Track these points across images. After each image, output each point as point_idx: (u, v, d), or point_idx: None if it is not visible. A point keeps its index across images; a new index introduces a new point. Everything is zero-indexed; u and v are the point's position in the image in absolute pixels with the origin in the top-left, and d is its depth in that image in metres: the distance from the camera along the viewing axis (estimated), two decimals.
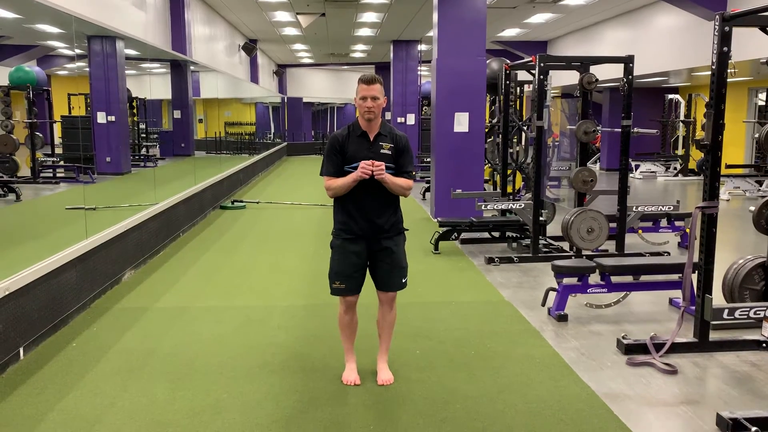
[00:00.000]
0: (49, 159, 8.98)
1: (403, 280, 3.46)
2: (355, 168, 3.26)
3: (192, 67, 11.01)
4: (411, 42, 17.57)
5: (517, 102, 8.78)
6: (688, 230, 6.98)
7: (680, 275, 4.50)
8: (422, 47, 17.66)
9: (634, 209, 6.71)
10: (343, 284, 3.40)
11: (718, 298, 3.83)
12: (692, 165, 15.62)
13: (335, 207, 3.45)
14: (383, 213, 3.36)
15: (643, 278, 5.21)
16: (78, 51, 7.07)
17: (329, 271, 3.46)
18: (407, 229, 3.54)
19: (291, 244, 7.39)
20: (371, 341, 3.82)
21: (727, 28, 3.68)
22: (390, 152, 3.34)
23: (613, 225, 6.38)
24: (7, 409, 3.19)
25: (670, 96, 16.59)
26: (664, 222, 7.28)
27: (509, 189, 8.07)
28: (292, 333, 4.31)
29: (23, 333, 3.85)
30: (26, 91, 8.36)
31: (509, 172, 8.08)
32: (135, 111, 11.22)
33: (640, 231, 7.01)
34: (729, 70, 3.76)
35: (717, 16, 3.69)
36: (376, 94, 3.29)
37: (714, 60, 3.73)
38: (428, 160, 13.81)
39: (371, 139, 3.35)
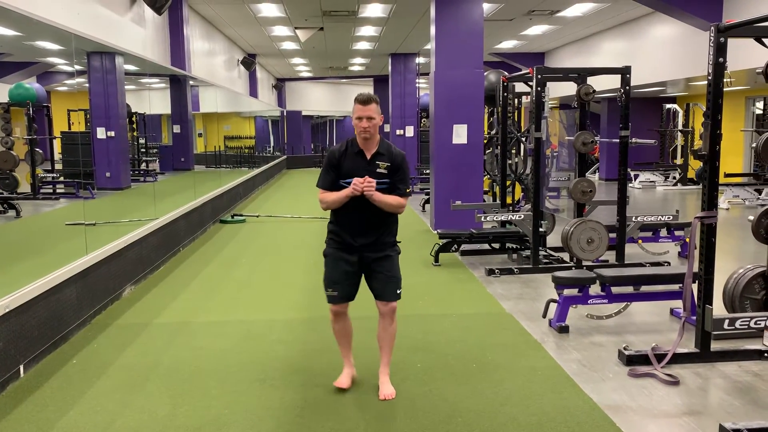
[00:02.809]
0: (49, 175, 9.00)
1: (398, 291, 3.49)
2: (350, 183, 3.31)
3: (191, 82, 11.06)
4: (409, 55, 17.65)
5: (515, 113, 8.81)
6: (687, 240, 6.99)
7: (681, 285, 4.50)
8: (420, 60, 17.74)
9: (633, 219, 6.71)
10: (335, 291, 3.46)
11: (718, 308, 3.83)
12: (691, 174, 15.64)
13: (330, 218, 3.53)
14: (374, 230, 3.41)
15: (644, 289, 5.21)
16: (77, 67, 7.10)
17: (323, 279, 3.52)
18: (400, 242, 3.57)
19: (291, 258, 7.39)
20: (372, 354, 3.81)
21: (722, 39, 3.71)
22: (386, 171, 3.38)
23: (613, 235, 6.38)
24: (8, 427, 3.18)
25: (668, 106, 16.65)
26: (663, 232, 7.28)
27: (509, 200, 8.08)
28: (293, 347, 4.30)
29: (23, 350, 3.84)
30: (26, 107, 8.40)
31: (508, 183, 8.10)
32: (135, 126, 11.24)
33: (640, 241, 7.02)
34: (725, 80, 3.79)
35: (712, 27, 3.72)
36: (372, 114, 3.32)
37: (710, 71, 3.75)
38: (427, 172, 13.84)
39: (368, 158, 3.39)
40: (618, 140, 6.28)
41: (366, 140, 3.37)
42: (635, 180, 15.93)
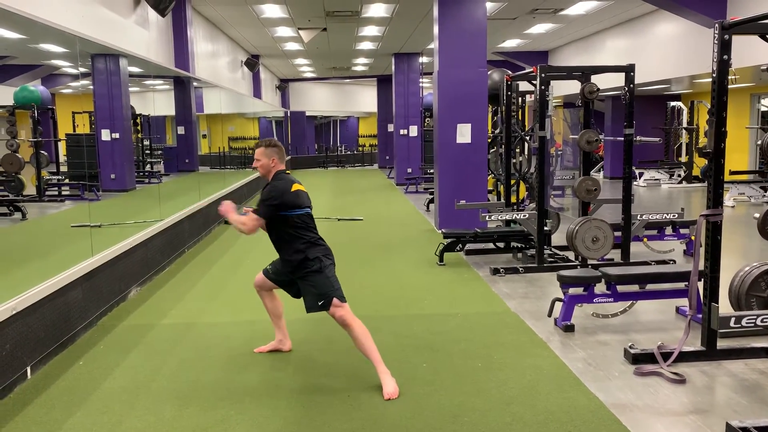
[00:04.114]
0: (54, 177, 9.03)
1: (319, 303, 3.71)
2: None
3: (195, 83, 11.08)
4: (412, 54, 17.64)
5: (519, 112, 8.80)
6: (693, 238, 6.97)
7: (686, 283, 4.49)
8: (423, 59, 17.74)
9: (638, 217, 6.69)
10: (269, 265, 4.10)
11: (724, 306, 3.82)
12: (696, 172, 15.59)
13: None
14: (282, 250, 3.90)
15: (649, 287, 5.19)
16: (82, 70, 7.13)
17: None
18: (315, 265, 3.76)
19: None
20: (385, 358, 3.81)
21: (726, 36, 3.70)
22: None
23: (618, 234, 6.37)
24: (16, 428, 3.20)
25: (672, 103, 16.60)
26: (669, 230, 7.26)
27: (513, 199, 8.07)
28: (299, 347, 4.31)
29: (30, 352, 3.86)
30: (31, 110, 8.42)
31: (513, 182, 8.09)
32: (139, 128, 11.28)
33: (645, 239, 7.00)
34: (730, 78, 3.77)
35: (716, 25, 3.71)
36: (258, 157, 3.91)
37: (714, 68, 3.74)
38: (431, 171, 13.84)
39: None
40: (622, 138, 6.26)
41: (265, 176, 3.95)
42: (640, 178, 15.89)
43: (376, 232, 9.22)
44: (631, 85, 6.12)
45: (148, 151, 12.23)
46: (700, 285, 4.01)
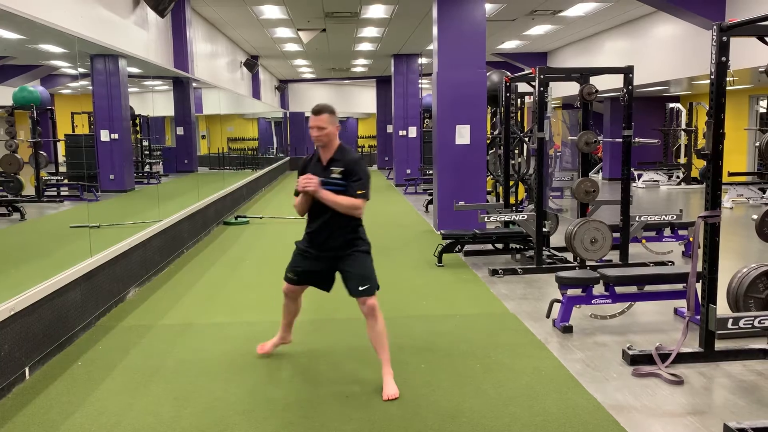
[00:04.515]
0: (53, 177, 9.03)
1: (360, 288, 3.60)
2: (323, 183, 3.60)
3: (194, 84, 11.08)
4: (411, 55, 17.65)
5: (518, 113, 8.81)
6: (691, 239, 6.97)
7: (685, 285, 4.49)
8: (423, 60, 17.74)
9: (637, 219, 6.70)
10: (289, 273, 3.88)
11: (722, 308, 3.83)
12: (694, 173, 15.61)
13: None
14: (332, 230, 3.64)
15: (648, 288, 5.20)
16: (81, 70, 7.13)
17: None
18: (365, 246, 3.71)
19: None
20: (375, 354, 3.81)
21: (725, 38, 3.70)
22: (340, 175, 3.60)
23: (617, 235, 6.37)
24: (14, 429, 3.20)
25: (671, 105, 16.62)
26: (667, 231, 7.27)
27: (512, 200, 8.08)
28: (297, 348, 4.31)
29: (29, 352, 3.86)
30: (30, 110, 8.42)
31: (511, 183, 8.09)
32: (138, 128, 11.26)
33: (643, 240, 7.01)
34: (728, 79, 3.78)
35: (715, 26, 3.71)
36: (322, 124, 3.57)
37: (713, 70, 3.75)
38: (430, 172, 13.84)
39: (324, 164, 3.66)
40: (621, 140, 6.27)
41: (322, 148, 3.65)
42: (639, 179, 15.91)
43: (375, 233, 9.16)
44: (630, 87, 6.13)
45: (147, 152, 12.21)
46: (699, 286, 4.02)
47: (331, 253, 3.68)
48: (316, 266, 3.78)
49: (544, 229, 6.58)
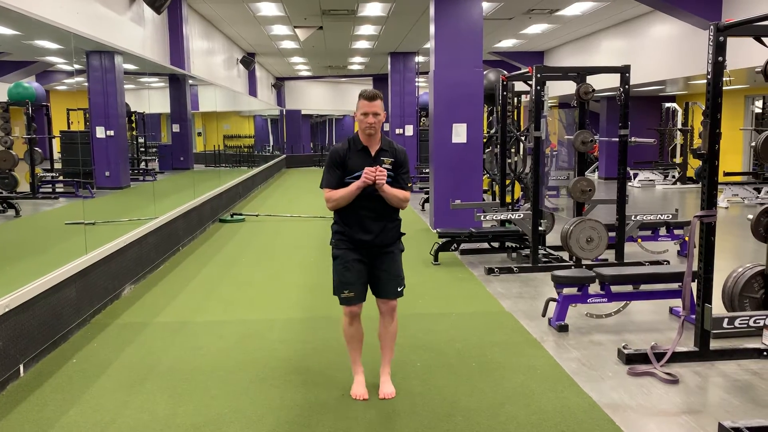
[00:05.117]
0: (48, 174, 8.99)
1: (399, 289, 3.47)
2: (357, 178, 3.30)
3: (190, 81, 11.05)
4: (408, 54, 17.65)
5: (515, 112, 8.81)
6: (687, 239, 6.99)
7: (680, 284, 4.50)
8: (419, 59, 17.74)
9: (632, 218, 6.71)
10: (351, 292, 3.39)
11: (718, 307, 3.83)
12: (690, 173, 15.65)
13: (336, 218, 3.48)
14: (381, 224, 3.40)
15: (643, 287, 5.21)
16: (77, 66, 7.09)
17: (334, 282, 3.46)
18: (404, 233, 3.56)
19: (290, 257, 7.39)
20: (372, 352, 3.81)
21: (721, 38, 3.71)
22: (390, 166, 3.38)
23: (612, 234, 6.38)
24: (8, 426, 3.18)
25: (667, 104, 16.65)
26: (663, 231, 7.29)
27: (508, 199, 8.08)
28: (293, 346, 4.31)
29: (23, 350, 3.84)
30: (25, 106, 8.39)
31: (508, 182, 8.10)
32: (134, 125, 11.23)
33: (639, 240, 7.02)
34: (724, 79, 3.79)
35: (712, 26, 3.72)
36: (378, 110, 3.33)
37: (709, 69, 3.75)
38: (427, 171, 13.84)
39: (373, 154, 3.39)
40: (617, 139, 6.28)
41: (370, 136, 3.37)
42: (634, 179, 15.94)
43: None
44: (627, 86, 6.14)
45: (142, 149, 12.18)
46: (694, 286, 4.03)
47: (378, 249, 3.41)
48: (364, 269, 3.43)
49: (540, 228, 6.58)
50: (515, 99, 8.79)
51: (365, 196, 3.33)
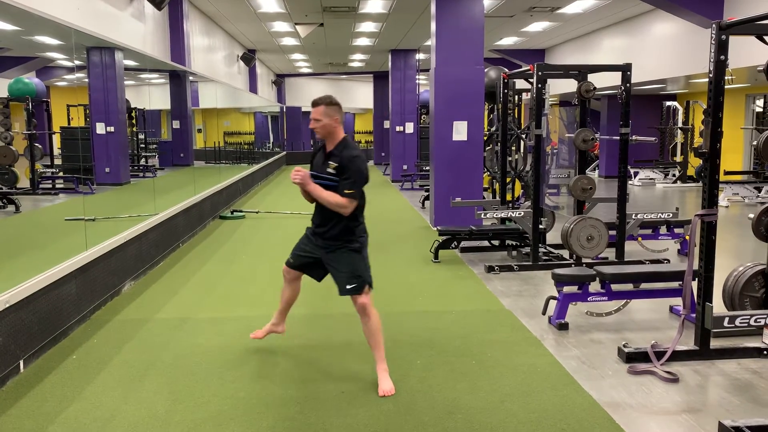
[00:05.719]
0: (48, 170, 9.00)
1: (349, 286, 3.58)
2: (315, 176, 3.61)
3: (191, 78, 11.04)
4: (409, 51, 17.62)
5: (516, 110, 8.80)
6: (687, 237, 6.98)
7: (680, 283, 4.50)
8: (420, 56, 17.71)
9: (633, 216, 6.71)
10: (290, 255, 3.91)
11: (718, 306, 3.83)
12: (691, 172, 15.65)
13: None
14: (330, 221, 3.64)
15: (644, 286, 5.20)
16: (77, 62, 7.09)
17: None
18: (362, 236, 3.70)
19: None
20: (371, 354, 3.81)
21: (724, 37, 3.70)
22: (334, 170, 3.55)
23: (613, 232, 6.38)
24: (8, 422, 3.18)
25: (668, 103, 16.64)
26: (663, 229, 7.28)
27: (508, 197, 8.08)
28: (293, 343, 4.30)
29: (23, 345, 3.84)
30: (25, 102, 8.38)
31: (508, 180, 8.09)
32: (134, 121, 11.24)
33: (639, 238, 7.01)
34: (726, 78, 3.78)
35: (714, 25, 3.71)
36: (318, 116, 3.57)
37: (711, 68, 3.74)
38: (427, 168, 13.84)
39: (325, 155, 3.64)
40: (618, 137, 6.27)
41: (325, 138, 3.63)
42: (635, 177, 15.93)
43: (371, 229, 9.13)
44: (628, 85, 6.13)
45: (143, 145, 12.18)
46: (694, 284, 4.02)
47: (325, 242, 3.69)
48: (316, 252, 3.77)
49: (540, 226, 6.58)
50: (516, 97, 8.78)
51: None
